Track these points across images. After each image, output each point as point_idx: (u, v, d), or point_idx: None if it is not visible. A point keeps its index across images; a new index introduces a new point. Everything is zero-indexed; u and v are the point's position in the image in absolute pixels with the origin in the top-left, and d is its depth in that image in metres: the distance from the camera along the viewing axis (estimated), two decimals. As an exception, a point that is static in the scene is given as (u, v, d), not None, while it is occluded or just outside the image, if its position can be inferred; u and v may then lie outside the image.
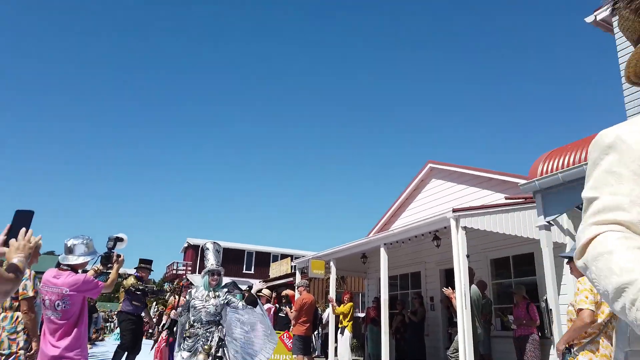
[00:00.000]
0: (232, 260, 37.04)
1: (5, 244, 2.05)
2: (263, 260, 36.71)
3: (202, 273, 5.56)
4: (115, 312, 39.75)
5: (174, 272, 38.99)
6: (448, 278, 10.58)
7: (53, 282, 3.68)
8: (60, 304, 3.63)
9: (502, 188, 9.70)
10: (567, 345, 3.75)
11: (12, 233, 2.07)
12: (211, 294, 5.38)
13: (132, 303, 7.94)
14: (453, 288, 7.15)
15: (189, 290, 5.60)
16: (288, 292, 13.12)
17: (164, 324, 9.53)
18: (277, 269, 25.73)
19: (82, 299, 3.76)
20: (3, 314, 4.17)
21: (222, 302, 5.38)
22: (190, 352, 5.07)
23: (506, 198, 8.70)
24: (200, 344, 5.10)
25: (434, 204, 11.52)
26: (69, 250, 3.82)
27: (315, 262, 12.07)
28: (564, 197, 6.09)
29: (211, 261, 5.57)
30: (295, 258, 16.29)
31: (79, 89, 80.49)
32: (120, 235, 4.28)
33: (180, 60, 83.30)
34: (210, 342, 5.09)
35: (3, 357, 4.03)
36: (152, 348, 9.02)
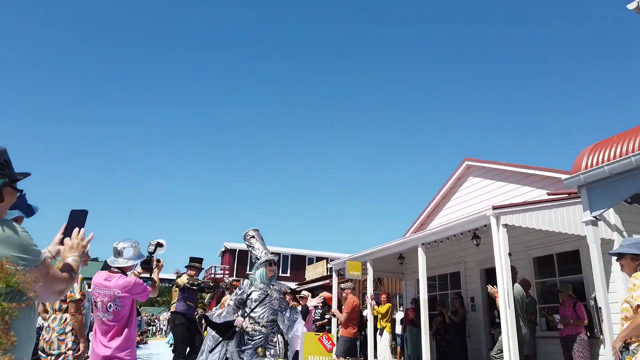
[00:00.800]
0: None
1: (62, 242, 2.11)
2: (299, 263, 36.87)
3: (257, 264, 4.92)
4: (168, 314, 40.86)
5: (213, 275, 39.62)
6: (489, 277, 10.31)
7: (105, 284, 3.78)
8: (112, 305, 3.73)
9: (544, 184, 9.40)
10: (623, 343, 3.58)
11: (68, 232, 2.13)
12: (269, 288, 4.84)
13: (186, 303, 7.71)
14: (495, 287, 6.95)
15: (240, 286, 5.08)
16: (325, 294, 13.10)
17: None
18: (312, 272, 25.78)
19: (132, 301, 3.86)
20: (53, 316, 4.30)
21: (280, 296, 4.92)
22: (255, 353, 4.55)
23: (549, 194, 8.42)
24: (262, 344, 4.60)
25: (472, 202, 11.27)
26: (118, 253, 3.91)
27: (351, 263, 12.01)
28: (611, 190, 5.84)
29: (262, 250, 4.99)
30: (331, 260, 16.25)
31: (120, 93, 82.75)
32: (160, 240, 4.41)
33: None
34: (277, 344, 4.66)
35: (53, 357, 4.16)
36: None
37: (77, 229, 2.20)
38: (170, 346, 8.10)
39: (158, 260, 4.32)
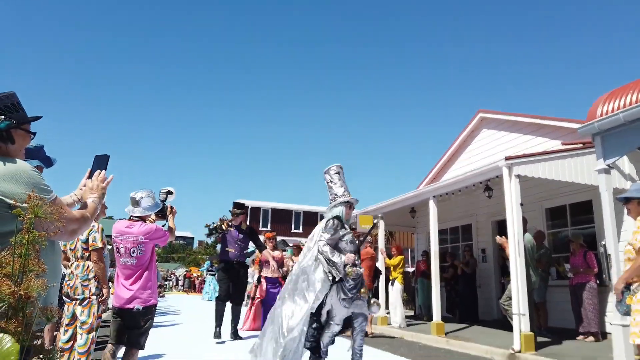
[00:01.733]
0: (280, 220, 37.87)
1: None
2: (311, 220, 37.27)
3: (335, 203, 4.58)
4: (184, 269, 41.50)
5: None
6: (500, 229, 10.38)
7: (127, 231, 3.92)
8: (136, 251, 3.88)
9: (558, 134, 9.29)
10: (625, 284, 3.65)
11: (92, 176, 2.24)
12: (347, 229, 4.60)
13: (224, 249, 7.73)
14: (506, 238, 7.02)
15: (334, 226, 4.53)
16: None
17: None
18: (325, 227, 26.03)
19: (152, 246, 4.02)
20: (75, 263, 4.47)
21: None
22: (357, 296, 4.41)
23: (563, 144, 8.33)
24: (363, 283, 4.48)
25: (486, 154, 11.20)
26: (136, 203, 4.03)
27: (363, 217, 12.14)
28: (626, 138, 5.77)
29: (343, 190, 4.65)
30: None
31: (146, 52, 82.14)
32: (170, 188, 4.56)
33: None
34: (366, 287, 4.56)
35: (77, 301, 4.36)
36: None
37: (97, 171, 2.27)
38: (218, 296, 8.13)
39: (172, 207, 4.46)
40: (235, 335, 7.55)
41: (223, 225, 7.68)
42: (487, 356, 6.68)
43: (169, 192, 4.52)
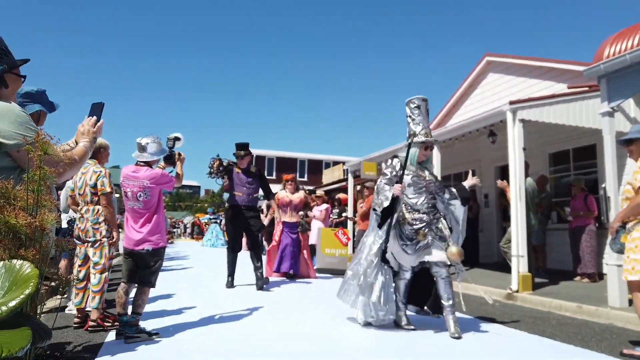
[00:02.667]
0: (286, 168, 38.03)
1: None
2: (315, 168, 37.48)
3: (411, 141, 4.25)
4: (191, 217, 41.95)
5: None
6: (503, 175, 10.45)
7: (134, 175, 4.02)
8: (142, 195, 3.98)
9: (565, 78, 9.15)
10: (621, 223, 3.73)
11: None
12: (423, 171, 4.29)
13: (232, 194, 7.17)
14: (508, 182, 7.09)
15: (391, 165, 4.33)
16: (340, 195, 13.51)
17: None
18: (329, 175, 26.30)
19: (159, 191, 4.12)
20: (85, 207, 4.60)
21: (435, 180, 4.39)
22: (416, 243, 4.16)
23: (569, 87, 8.24)
24: (432, 234, 4.19)
25: (492, 99, 11.09)
26: (143, 148, 4.09)
27: (367, 164, 12.21)
28: (632, 80, 5.69)
29: (422, 127, 4.28)
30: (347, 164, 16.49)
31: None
32: (177, 134, 4.58)
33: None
34: (442, 230, 4.26)
35: (89, 244, 4.52)
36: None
37: (88, 117, 2.34)
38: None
39: (179, 154, 4.50)
40: (261, 285, 6.90)
41: (222, 163, 7.06)
42: (485, 296, 6.91)
43: (177, 139, 4.54)
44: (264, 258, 8.38)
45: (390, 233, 4.17)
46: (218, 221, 22.18)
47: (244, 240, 7.95)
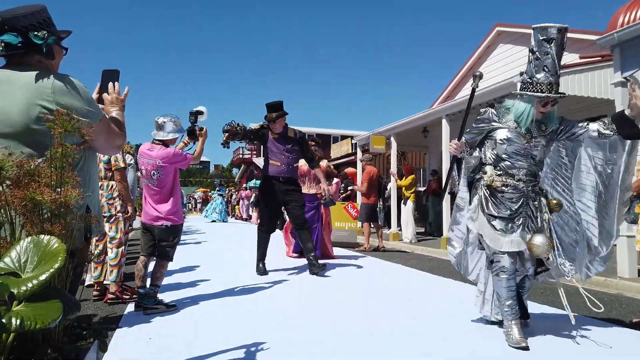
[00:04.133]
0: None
1: (99, 101, 2.23)
2: (324, 142, 37.32)
3: (524, 87, 3.13)
4: (202, 192, 41.93)
5: (241, 156, 40.83)
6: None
7: (148, 154, 4.06)
8: (155, 173, 4.04)
9: (577, 47, 9.00)
10: (635, 193, 3.73)
11: (103, 90, 2.23)
12: (534, 130, 3.16)
13: (267, 164, 5.99)
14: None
15: (481, 117, 3.33)
16: (347, 170, 13.53)
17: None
18: (338, 150, 26.28)
19: (173, 170, 4.13)
20: (99, 183, 4.67)
21: (560, 142, 3.29)
22: (508, 220, 3.13)
23: (580, 57, 8.11)
24: (527, 209, 3.16)
25: (502, 70, 10.96)
26: (160, 127, 4.13)
27: (375, 137, 12.20)
28: (647, 50, 5.60)
29: (544, 74, 3.04)
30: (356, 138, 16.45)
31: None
32: (199, 108, 4.38)
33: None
34: (543, 212, 3.18)
35: (105, 219, 4.60)
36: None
37: (111, 84, 2.27)
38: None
39: (201, 129, 4.34)
40: (317, 270, 5.76)
41: (237, 130, 5.64)
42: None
43: (199, 112, 4.35)
44: (280, 234, 7.93)
45: (474, 202, 3.30)
46: (222, 193, 21.78)
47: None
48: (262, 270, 5.89)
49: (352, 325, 3.54)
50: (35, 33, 1.84)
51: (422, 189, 14.96)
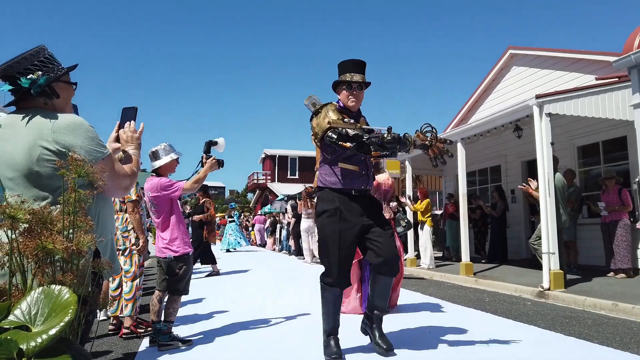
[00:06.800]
0: (308, 167, 38.17)
1: (118, 140, 2.23)
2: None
3: None
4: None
5: (255, 181, 41.00)
6: (530, 169, 10.25)
7: (145, 187, 4.08)
8: (152, 205, 4.03)
9: (592, 69, 8.92)
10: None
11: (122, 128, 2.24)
12: None
13: (333, 166, 3.57)
14: (535, 179, 6.95)
15: None
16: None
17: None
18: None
19: (168, 200, 4.02)
20: (115, 216, 4.67)
21: None
22: None
23: (597, 79, 8.01)
24: None
25: (515, 93, 10.89)
26: (154, 157, 4.09)
27: (390, 162, 12.11)
28: (666, 70, 5.51)
29: None
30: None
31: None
32: (215, 139, 4.21)
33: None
34: None
35: (120, 252, 4.59)
36: None
37: (127, 123, 2.27)
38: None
39: (208, 158, 4.13)
40: (385, 352, 3.55)
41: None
42: (516, 294, 6.80)
43: (212, 143, 4.18)
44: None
45: None
46: (235, 219, 19.95)
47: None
48: (334, 352, 3.42)
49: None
50: (27, 77, 1.83)
51: (438, 212, 14.78)
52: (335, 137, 3.24)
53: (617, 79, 7.18)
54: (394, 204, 5.85)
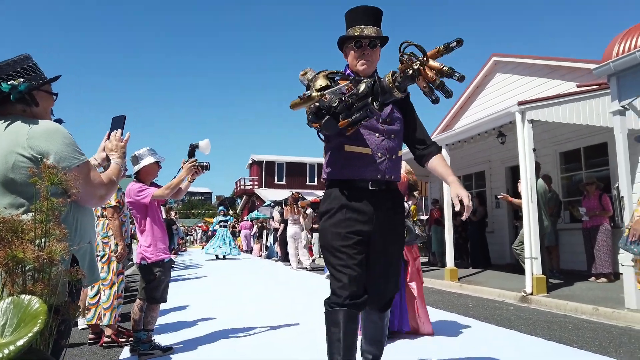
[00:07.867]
0: (295, 173, 38.13)
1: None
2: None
3: None
4: (203, 224, 40.99)
5: (242, 187, 40.84)
6: (514, 175, 10.38)
7: (125, 192, 4.06)
8: (129, 210, 4.02)
9: (574, 76, 9.07)
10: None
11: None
12: None
13: (339, 150, 2.52)
14: (518, 184, 7.03)
15: None
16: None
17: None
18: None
19: (141, 205, 3.92)
20: (96, 221, 4.61)
21: None
22: None
23: (578, 86, 8.15)
24: None
25: (499, 99, 11.02)
26: (136, 161, 4.03)
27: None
28: (643, 78, 5.61)
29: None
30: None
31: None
32: (198, 142, 3.99)
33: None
34: None
35: (98, 258, 4.51)
36: None
37: (114, 132, 2.27)
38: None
39: (187, 161, 3.95)
40: None
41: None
42: (500, 299, 6.85)
43: (194, 146, 3.99)
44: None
45: None
46: (227, 223, 19.17)
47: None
48: None
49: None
50: (8, 82, 1.83)
51: (424, 217, 14.85)
52: (310, 117, 2.24)
53: (597, 86, 7.30)
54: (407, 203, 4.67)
